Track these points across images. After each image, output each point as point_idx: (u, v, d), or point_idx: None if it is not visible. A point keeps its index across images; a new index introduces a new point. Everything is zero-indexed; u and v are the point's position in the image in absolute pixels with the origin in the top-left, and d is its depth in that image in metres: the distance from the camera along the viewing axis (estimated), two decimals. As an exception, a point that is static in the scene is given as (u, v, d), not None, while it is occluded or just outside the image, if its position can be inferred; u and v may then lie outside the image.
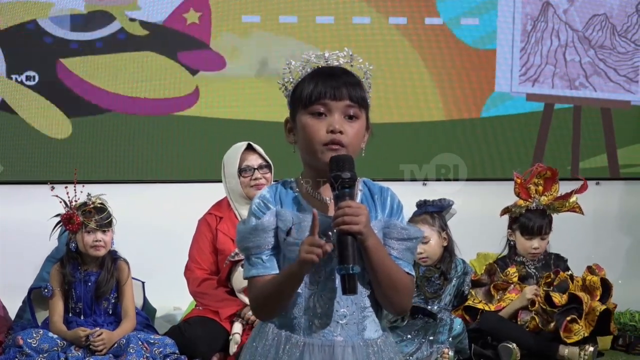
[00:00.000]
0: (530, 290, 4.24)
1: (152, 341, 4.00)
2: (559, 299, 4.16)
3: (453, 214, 4.37)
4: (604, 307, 4.18)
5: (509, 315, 4.28)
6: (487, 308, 4.29)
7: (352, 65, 2.03)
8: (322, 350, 1.96)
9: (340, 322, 1.96)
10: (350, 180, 1.91)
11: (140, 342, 3.95)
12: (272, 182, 4.28)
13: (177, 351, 4.02)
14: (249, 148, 4.31)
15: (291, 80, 2.04)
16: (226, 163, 4.32)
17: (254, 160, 4.28)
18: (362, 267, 1.93)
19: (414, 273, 2.02)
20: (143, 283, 4.41)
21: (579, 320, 4.11)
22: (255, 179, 4.24)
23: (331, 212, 1.96)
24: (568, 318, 4.11)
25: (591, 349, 4.12)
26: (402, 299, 1.99)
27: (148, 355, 3.93)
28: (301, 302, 1.97)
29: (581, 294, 4.14)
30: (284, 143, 2.09)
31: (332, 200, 1.96)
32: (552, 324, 4.14)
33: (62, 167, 5.20)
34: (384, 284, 1.95)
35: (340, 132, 1.95)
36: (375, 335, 2.01)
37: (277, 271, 2.00)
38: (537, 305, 4.19)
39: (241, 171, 4.26)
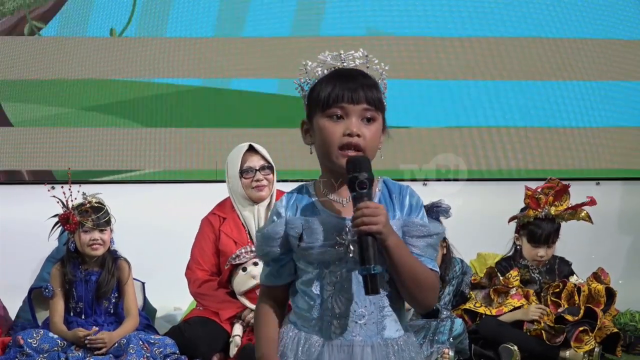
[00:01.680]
0: (535, 311, 4.22)
1: (152, 341, 4.00)
2: (571, 319, 4.17)
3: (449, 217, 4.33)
4: (615, 330, 4.24)
5: (508, 322, 4.27)
6: (487, 312, 4.28)
7: (367, 67, 2.02)
8: (342, 350, 1.96)
9: (359, 322, 1.97)
10: (368, 181, 1.90)
11: (140, 342, 3.95)
12: (275, 183, 4.30)
13: (177, 351, 4.02)
14: (251, 149, 4.29)
15: (307, 81, 2.03)
16: (229, 164, 4.31)
17: (255, 162, 4.26)
18: (382, 267, 1.93)
19: (437, 269, 2.02)
20: (143, 284, 4.41)
21: (590, 333, 4.13)
22: (257, 180, 4.22)
23: (346, 214, 1.97)
24: (580, 329, 4.12)
25: (596, 349, 4.12)
26: (427, 295, 1.99)
27: (148, 355, 3.93)
28: (319, 303, 1.98)
29: (598, 310, 4.16)
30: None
31: (349, 202, 1.96)
32: (559, 338, 4.13)
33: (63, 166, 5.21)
34: (407, 281, 1.95)
35: (358, 136, 1.95)
36: (395, 335, 2.00)
37: (285, 281, 2.04)
38: (542, 324, 4.19)
39: (242, 172, 4.24)
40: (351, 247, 1.93)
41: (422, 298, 1.99)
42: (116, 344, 3.97)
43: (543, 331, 4.17)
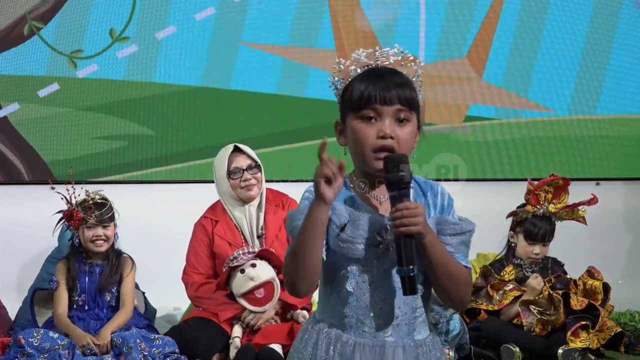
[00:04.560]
0: (536, 282, 4.24)
1: (151, 338, 4.00)
2: (575, 301, 4.18)
3: None
4: (619, 329, 4.25)
5: (515, 313, 4.27)
6: (490, 308, 4.29)
7: (402, 64, 1.99)
8: (373, 351, 1.94)
9: (392, 322, 1.95)
10: (406, 181, 1.88)
11: (138, 341, 3.94)
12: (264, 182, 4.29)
13: (176, 350, 4.01)
14: (237, 150, 4.29)
15: (341, 79, 2.01)
16: (216, 167, 4.31)
17: (242, 162, 4.25)
18: (421, 269, 1.93)
19: (470, 265, 2.01)
20: (144, 293, 4.41)
21: (590, 330, 4.13)
22: (245, 180, 4.23)
23: (383, 212, 1.95)
24: (582, 322, 4.13)
25: (560, 350, 4.11)
26: (462, 292, 1.98)
27: (146, 354, 3.93)
28: (353, 301, 1.95)
29: (600, 308, 4.17)
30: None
31: (385, 200, 1.95)
32: (558, 320, 4.15)
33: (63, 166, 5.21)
34: (443, 278, 1.94)
35: (392, 138, 1.92)
36: (424, 335, 2.00)
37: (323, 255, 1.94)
38: (542, 294, 4.19)
39: (230, 173, 4.24)
40: (391, 247, 1.91)
41: (458, 295, 1.98)
42: (114, 345, 3.96)
43: (538, 322, 4.17)
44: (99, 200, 4.13)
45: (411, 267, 1.86)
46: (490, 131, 5.65)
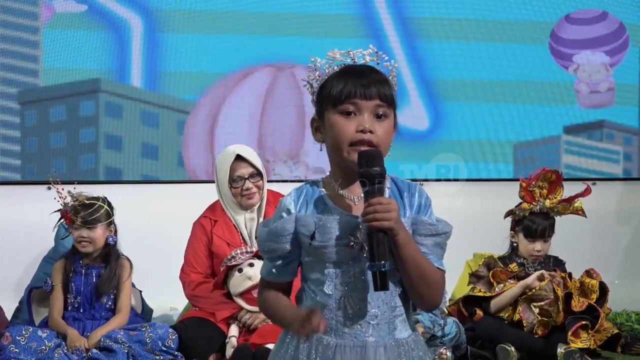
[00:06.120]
0: (536, 277, 4.24)
1: (139, 328, 4.02)
2: (576, 302, 4.19)
3: None
4: (616, 330, 4.27)
5: (507, 301, 4.27)
6: (488, 294, 4.29)
7: (378, 64, 2.02)
8: (354, 351, 1.95)
9: (372, 322, 1.96)
10: (380, 176, 1.90)
11: (122, 333, 3.96)
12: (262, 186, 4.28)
13: (170, 330, 4.04)
14: (239, 157, 4.25)
15: (317, 77, 2.03)
16: (218, 172, 4.29)
17: (244, 169, 4.23)
18: (393, 265, 1.93)
19: (444, 268, 2.01)
20: (140, 292, 4.40)
21: (589, 330, 4.14)
22: (247, 189, 4.21)
23: (357, 212, 1.96)
24: (582, 322, 4.14)
25: (561, 350, 4.12)
26: (434, 293, 1.99)
27: (133, 339, 3.96)
28: (332, 303, 1.97)
29: (601, 310, 4.18)
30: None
31: (360, 200, 1.96)
32: (558, 317, 4.16)
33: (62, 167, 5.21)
34: (414, 278, 1.95)
35: (370, 132, 1.94)
36: (405, 335, 2.00)
37: (289, 279, 2.04)
38: (537, 288, 4.19)
39: (232, 181, 4.23)
40: (365, 247, 1.92)
41: (429, 295, 1.98)
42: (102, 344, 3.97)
43: (539, 323, 4.17)
44: (86, 202, 4.09)
45: (382, 262, 1.87)
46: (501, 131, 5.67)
